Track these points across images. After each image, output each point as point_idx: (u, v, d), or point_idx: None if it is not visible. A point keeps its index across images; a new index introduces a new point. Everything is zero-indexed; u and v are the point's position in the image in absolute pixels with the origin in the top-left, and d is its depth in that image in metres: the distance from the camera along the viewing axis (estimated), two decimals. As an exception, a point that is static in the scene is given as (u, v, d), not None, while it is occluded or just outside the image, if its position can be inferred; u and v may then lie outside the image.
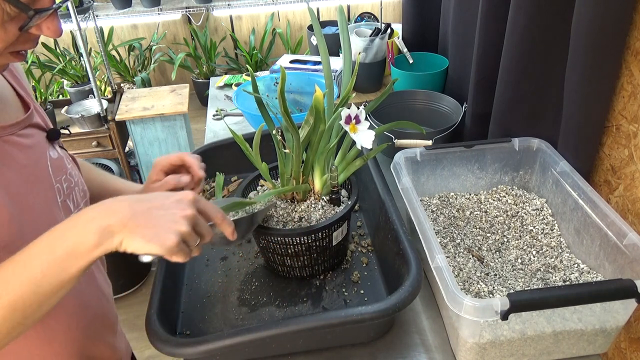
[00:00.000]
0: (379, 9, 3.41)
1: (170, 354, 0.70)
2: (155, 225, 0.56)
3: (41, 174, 0.68)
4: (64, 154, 0.76)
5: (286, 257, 0.89)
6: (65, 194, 0.72)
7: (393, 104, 1.39)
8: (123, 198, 0.58)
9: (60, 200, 0.70)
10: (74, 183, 0.75)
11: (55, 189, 0.70)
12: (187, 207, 0.59)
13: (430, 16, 1.55)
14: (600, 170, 0.93)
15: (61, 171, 0.72)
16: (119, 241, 0.56)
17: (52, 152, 0.72)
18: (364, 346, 0.83)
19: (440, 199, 1.07)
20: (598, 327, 0.75)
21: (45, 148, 0.71)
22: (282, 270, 0.92)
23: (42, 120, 0.73)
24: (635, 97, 0.81)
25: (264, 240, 0.89)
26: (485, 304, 0.67)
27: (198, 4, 3.16)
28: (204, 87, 3.29)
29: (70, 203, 0.73)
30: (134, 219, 0.56)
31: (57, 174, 0.71)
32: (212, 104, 1.73)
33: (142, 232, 0.56)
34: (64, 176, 0.72)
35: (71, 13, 2.19)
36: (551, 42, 0.96)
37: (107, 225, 0.55)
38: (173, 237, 0.56)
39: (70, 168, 0.75)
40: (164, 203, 0.58)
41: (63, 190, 0.71)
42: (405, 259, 0.79)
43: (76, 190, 0.75)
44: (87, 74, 2.62)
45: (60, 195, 0.71)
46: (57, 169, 0.71)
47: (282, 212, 0.89)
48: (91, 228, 0.55)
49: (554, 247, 0.93)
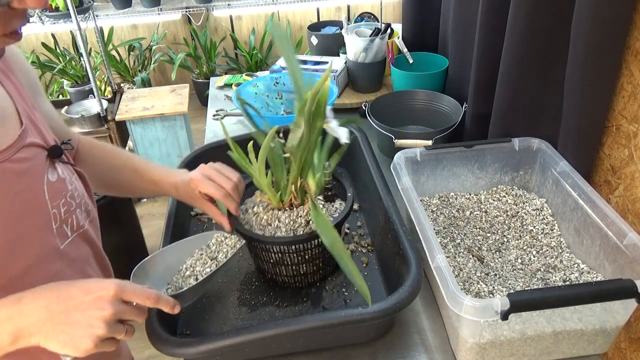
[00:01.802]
0: (379, 9, 3.41)
1: (170, 354, 0.70)
2: (71, 329, 0.56)
3: (36, 201, 0.65)
4: (67, 171, 0.72)
5: (302, 264, 0.86)
6: (62, 219, 0.69)
7: (393, 104, 1.39)
8: (45, 292, 0.57)
9: (55, 227, 0.68)
10: (75, 205, 0.71)
11: (51, 215, 0.67)
12: (107, 305, 0.57)
13: (430, 16, 1.55)
14: (600, 170, 0.93)
15: (60, 195, 0.69)
16: (36, 341, 0.56)
17: (51, 175, 0.68)
18: (364, 346, 0.83)
19: (440, 199, 1.07)
20: (598, 327, 0.75)
21: (43, 171, 0.67)
22: (295, 281, 0.90)
23: (41, 137, 0.69)
24: (635, 97, 0.81)
25: (276, 254, 0.85)
26: (485, 304, 0.67)
27: (198, 4, 3.16)
28: (204, 87, 3.29)
29: (67, 228, 0.70)
30: (50, 321, 0.56)
31: (55, 198, 0.68)
32: (212, 104, 1.73)
33: (57, 337, 0.56)
34: (63, 200, 0.69)
35: (71, 13, 2.19)
36: (551, 42, 0.96)
37: (23, 327, 0.55)
38: (89, 341, 0.56)
39: (72, 189, 0.71)
40: (82, 302, 0.56)
41: (60, 215, 0.68)
42: (405, 259, 0.79)
43: (77, 212, 0.72)
44: (87, 74, 2.62)
45: (56, 221, 0.68)
46: (55, 193, 0.68)
47: (287, 220, 0.86)
48: (7, 328, 0.55)
49: (554, 247, 0.93)
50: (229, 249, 0.82)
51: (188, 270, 0.79)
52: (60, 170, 0.70)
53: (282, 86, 1.48)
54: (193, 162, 1.14)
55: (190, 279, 0.77)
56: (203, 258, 0.81)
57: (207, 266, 0.79)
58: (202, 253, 0.82)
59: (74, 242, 0.71)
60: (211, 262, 0.80)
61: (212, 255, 0.81)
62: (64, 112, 2.48)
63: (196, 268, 0.79)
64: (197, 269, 0.79)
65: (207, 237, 0.84)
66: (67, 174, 0.71)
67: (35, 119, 0.70)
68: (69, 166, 0.73)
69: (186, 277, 0.78)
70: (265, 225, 0.86)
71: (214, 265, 0.79)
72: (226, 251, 0.82)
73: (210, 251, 0.82)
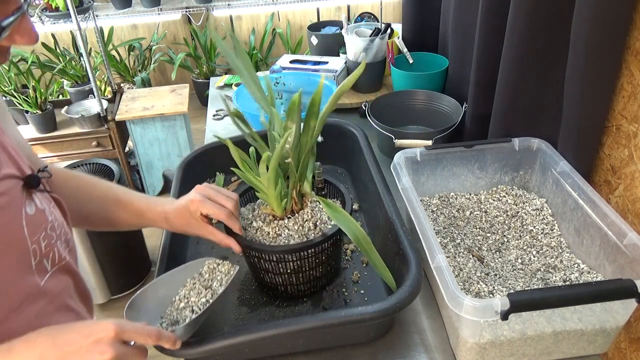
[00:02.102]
0: (379, 9, 3.41)
1: (171, 354, 0.70)
2: None
3: (14, 239, 0.59)
4: (45, 200, 0.65)
5: (319, 267, 0.85)
6: (43, 254, 0.63)
7: (393, 104, 1.39)
8: (39, 339, 0.54)
9: (34, 263, 0.62)
10: (56, 236, 0.66)
11: (31, 251, 0.61)
12: (108, 348, 0.54)
13: (430, 16, 1.55)
14: (600, 170, 0.93)
15: (40, 228, 0.63)
16: None
17: (29, 208, 0.62)
18: (364, 346, 0.82)
19: (440, 199, 1.07)
20: (598, 327, 0.75)
21: (20, 205, 0.60)
22: (309, 287, 0.88)
23: (16, 166, 0.62)
24: (635, 97, 0.81)
25: (294, 263, 0.82)
26: (485, 304, 0.67)
27: (198, 4, 3.16)
28: (204, 87, 3.29)
29: (47, 263, 0.64)
30: None
31: (35, 232, 0.62)
32: (212, 104, 1.73)
33: None
34: (43, 233, 0.63)
35: (71, 13, 2.19)
36: (551, 42, 0.96)
37: None
38: None
39: (52, 220, 0.65)
40: (81, 346, 0.53)
41: (40, 250, 0.63)
42: (405, 259, 0.79)
43: (58, 244, 0.66)
44: (87, 74, 2.62)
45: (36, 257, 0.62)
46: (34, 227, 0.62)
47: (296, 227, 0.83)
48: None
49: (554, 247, 0.93)
50: (223, 276, 0.78)
51: (182, 301, 0.75)
52: (38, 201, 0.64)
53: (282, 86, 1.48)
54: (193, 162, 1.14)
55: (185, 311, 0.73)
56: (197, 287, 0.77)
57: (203, 296, 0.75)
58: (195, 282, 0.78)
59: (54, 276, 0.66)
60: (206, 291, 0.76)
61: (206, 284, 0.77)
62: (64, 112, 2.48)
63: (191, 299, 0.75)
64: (191, 299, 0.75)
65: (198, 264, 0.80)
66: (45, 204, 0.65)
67: (7, 146, 0.63)
68: (46, 194, 0.66)
69: (181, 309, 0.74)
70: (274, 237, 0.83)
71: (209, 295, 0.75)
72: (220, 279, 0.78)
73: (203, 279, 0.78)
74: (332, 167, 1.26)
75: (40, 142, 2.46)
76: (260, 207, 0.88)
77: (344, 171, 1.25)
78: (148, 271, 2.27)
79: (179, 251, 0.95)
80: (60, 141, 2.48)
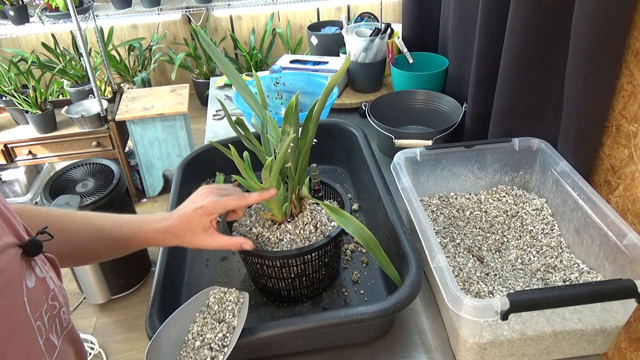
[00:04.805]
0: (379, 9, 3.41)
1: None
2: None
3: (17, 321, 0.50)
4: (42, 263, 0.55)
5: (322, 269, 0.85)
6: (48, 329, 0.54)
7: (393, 104, 1.39)
8: None
9: (42, 341, 0.53)
10: (59, 305, 0.57)
11: (36, 329, 0.52)
12: None
13: (430, 16, 1.55)
14: (600, 170, 0.93)
15: (41, 301, 0.53)
16: None
17: (29, 280, 0.52)
18: (364, 346, 0.83)
19: (440, 199, 1.07)
20: (598, 327, 0.75)
21: (20, 280, 0.51)
22: (311, 290, 0.88)
23: (13, 231, 0.52)
24: (635, 97, 0.81)
25: (299, 267, 0.81)
26: (485, 304, 0.67)
27: (198, 4, 3.16)
28: (204, 87, 3.29)
29: (54, 337, 0.56)
30: None
31: (37, 307, 0.52)
32: (212, 104, 1.73)
33: None
34: (46, 305, 0.54)
35: (71, 13, 2.19)
36: (551, 42, 0.96)
37: None
38: None
39: (53, 287, 0.56)
40: None
41: (45, 325, 0.54)
42: (405, 259, 0.79)
43: (62, 312, 0.58)
44: (87, 74, 2.62)
45: (42, 335, 0.53)
46: (36, 302, 0.52)
47: (297, 230, 0.83)
48: None
49: (554, 247, 0.93)
50: (233, 306, 0.74)
51: (197, 339, 0.70)
52: (38, 270, 0.54)
53: (282, 86, 1.48)
54: (193, 162, 1.14)
55: (204, 350, 0.68)
56: (209, 322, 0.72)
57: (219, 331, 0.70)
58: (205, 316, 0.73)
59: (62, 350, 0.58)
60: (220, 325, 0.71)
61: (218, 317, 0.73)
62: (64, 112, 2.48)
63: (206, 335, 0.70)
64: (207, 336, 0.70)
65: (204, 296, 0.76)
66: (44, 270, 0.55)
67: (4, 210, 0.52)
68: (41, 255, 0.56)
69: (197, 348, 0.69)
70: (276, 242, 0.82)
71: (224, 328, 0.70)
72: (232, 309, 0.73)
73: (213, 312, 0.74)
74: (332, 167, 1.26)
75: (40, 142, 2.47)
76: (259, 212, 0.88)
77: (344, 171, 1.25)
78: (148, 271, 2.27)
79: (179, 251, 0.95)
80: (60, 141, 2.48)
